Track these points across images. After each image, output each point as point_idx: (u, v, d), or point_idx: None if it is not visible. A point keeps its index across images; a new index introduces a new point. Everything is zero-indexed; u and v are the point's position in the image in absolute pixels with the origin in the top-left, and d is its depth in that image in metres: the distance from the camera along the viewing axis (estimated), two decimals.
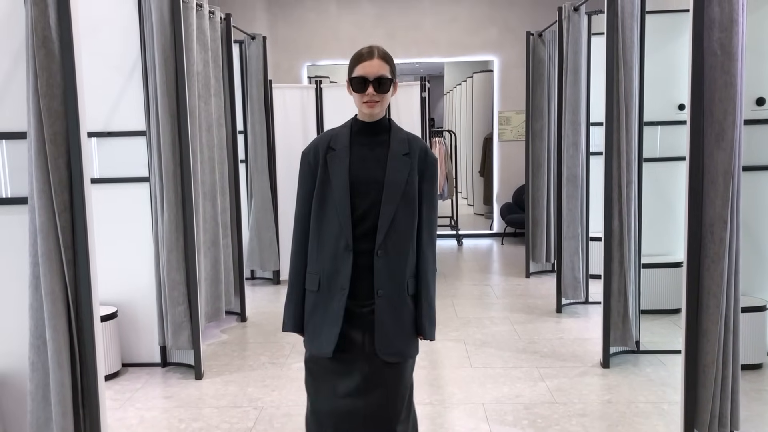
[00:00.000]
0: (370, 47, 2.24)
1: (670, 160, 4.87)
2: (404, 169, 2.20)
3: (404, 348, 2.24)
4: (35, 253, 2.75)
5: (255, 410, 3.62)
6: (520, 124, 8.87)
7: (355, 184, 2.19)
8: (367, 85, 2.17)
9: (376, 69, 2.18)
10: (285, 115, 6.57)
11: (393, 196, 2.17)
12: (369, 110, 2.20)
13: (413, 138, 2.29)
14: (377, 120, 2.25)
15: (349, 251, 2.16)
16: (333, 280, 2.19)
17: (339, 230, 2.17)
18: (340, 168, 2.20)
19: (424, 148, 2.28)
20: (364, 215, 2.18)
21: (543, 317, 5.28)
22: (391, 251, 2.18)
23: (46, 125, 2.67)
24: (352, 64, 2.23)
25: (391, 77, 2.21)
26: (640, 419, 3.40)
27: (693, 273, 2.87)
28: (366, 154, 2.23)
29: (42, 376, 2.81)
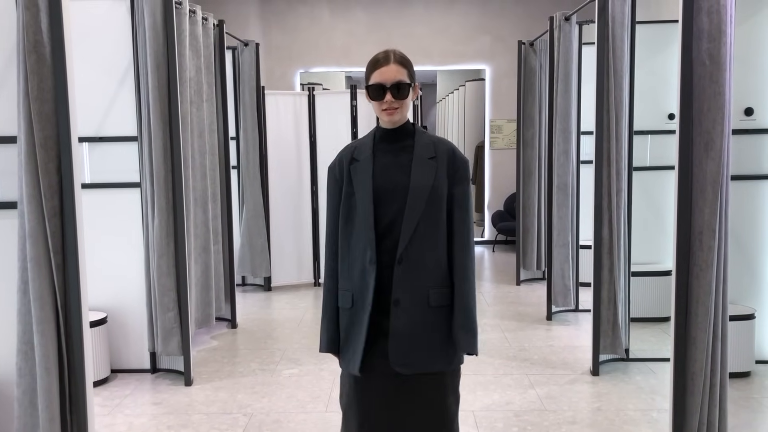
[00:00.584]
0: (386, 52, 2.14)
1: (659, 169, 4.90)
2: (430, 174, 2.09)
3: (423, 360, 2.09)
4: (24, 258, 2.74)
5: (245, 417, 3.61)
6: (512, 132, 8.91)
7: (379, 193, 2.09)
8: (384, 92, 2.08)
9: (393, 74, 2.08)
10: (277, 122, 6.57)
11: (417, 202, 2.06)
12: (389, 117, 2.11)
13: (439, 140, 2.18)
14: (400, 126, 2.15)
15: (373, 264, 2.06)
16: (362, 296, 2.09)
17: (365, 243, 2.08)
18: (364, 178, 2.10)
19: (452, 150, 2.16)
20: (391, 225, 2.07)
21: (533, 325, 5.29)
22: (413, 260, 2.07)
23: (36, 129, 2.67)
24: (368, 70, 2.13)
25: (410, 81, 2.11)
26: (629, 427, 3.41)
27: (682, 281, 2.88)
28: (389, 161, 2.13)
29: (29, 382, 2.79)
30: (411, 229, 2.06)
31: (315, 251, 6.78)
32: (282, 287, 6.71)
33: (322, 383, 4.08)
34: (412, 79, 2.13)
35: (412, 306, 2.07)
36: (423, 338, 2.08)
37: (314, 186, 6.71)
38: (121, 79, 4.12)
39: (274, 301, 6.24)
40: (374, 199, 2.08)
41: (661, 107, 4.98)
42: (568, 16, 5.27)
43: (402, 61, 2.12)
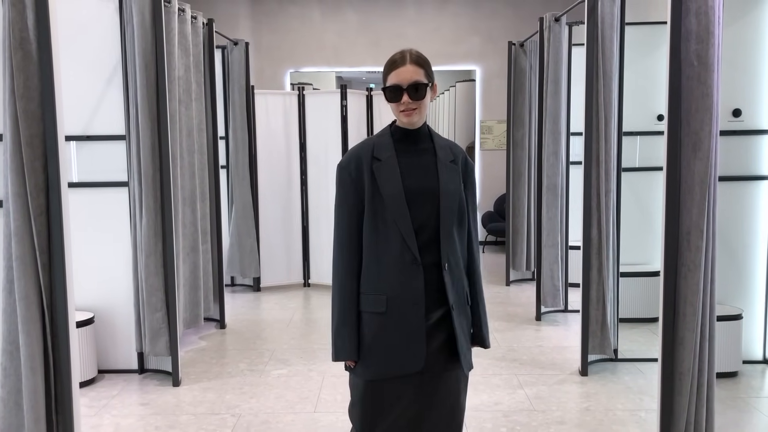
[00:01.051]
0: (402, 52, 2.10)
1: (648, 170, 4.92)
2: (456, 179, 2.11)
3: (470, 360, 2.16)
4: (10, 257, 2.71)
5: (233, 417, 3.59)
6: (502, 133, 8.92)
7: (409, 194, 2.06)
8: (401, 93, 2.05)
9: (410, 75, 2.05)
10: (267, 122, 6.55)
11: (451, 207, 2.07)
12: (407, 119, 2.08)
13: (453, 145, 2.19)
14: (419, 127, 2.13)
15: (418, 265, 2.03)
16: (404, 297, 2.04)
17: (401, 244, 2.03)
18: (392, 178, 2.06)
19: (464, 155, 2.19)
20: (422, 227, 2.05)
21: (523, 325, 5.30)
22: (453, 263, 2.09)
23: (22, 128, 2.64)
24: (385, 72, 2.10)
25: (428, 81, 2.08)
26: (617, 427, 3.42)
27: (670, 281, 2.89)
28: (413, 162, 2.10)
29: (14, 382, 2.77)
30: (448, 234, 2.07)
31: (305, 252, 6.76)
32: (271, 288, 6.69)
33: (311, 384, 4.06)
34: (429, 78, 2.09)
35: (460, 309, 2.11)
36: (468, 338, 2.17)
37: (304, 186, 6.69)
38: (109, 77, 4.09)
39: (263, 301, 6.21)
40: (403, 200, 2.05)
41: (649, 108, 5.00)
42: (557, 17, 5.28)
43: (419, 61, 2.08)
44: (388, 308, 2.06)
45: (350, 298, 2.11)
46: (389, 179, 2.06)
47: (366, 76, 14.37)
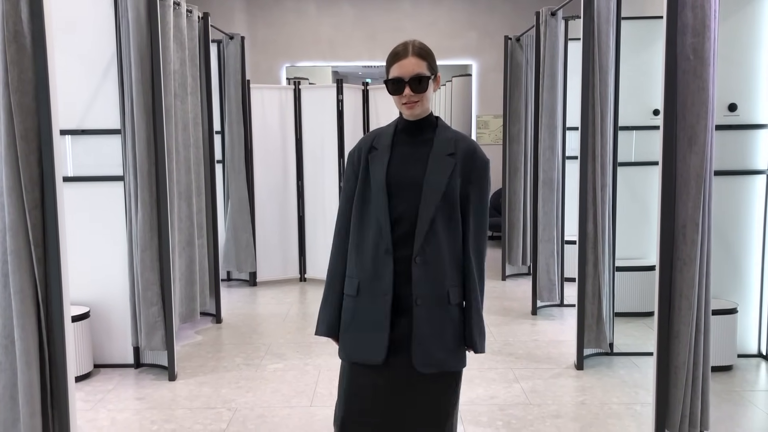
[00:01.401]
0: (405, 44, 2.07)
1: (644, 165, 4.93)
2: (446, 171, 2.05)
3: (445, 359, 2.07)
4: (4, 251, 2.70)
5: (229, 411, 3.59)
6: (498, 128, 8.92)
7: (392, 185, 2.06)
8: (403, 85, 2.04)
9: (412, 67, 2.04)
10: (263, 116, 6.54)
11: (432, 199, 2.02)
12: (409, 111, 2.08)
13: (462, 138, 2.13)
14: (422, 118, 2.12)
15: (389, 255, 2.03)
16: (374, 285, 2.06)
17: (378, 233, 2.05)
18: (379, 167, 2.08)
19: (472, 149, 2.11)
20: (401, 218, 2.04)
21: (518, 319, 5.31)
22: (430, 258, 2.03)
23: (17, 121, 2.63)
24: (387, 64, 2.10)
25: (431, 73, 2.07)
26: (613, 420, 3.43)
27: (665, 275, 2.90)
28: (407, 153, 2.10)
29: (10, 376, 2.76)
30: (426, 226, 2.02)
31: (301, 246, 6.76)
32: (267, 282, 6.68)
33: (307, 378, 4.06)
34: (432, 70, 2.08)
35: (432, 305, 2.05)
36: (443, 337, 2.07)
37: (300, 181, 6.68)
38: (104, 71, 4.07)
39: (259, 296, 6.21)
40: (387, 190, 2.05)
41: (645, 103, 5.01)
42: (554, 11, 5.28)
43: (421, 53, 2.06)
44: (359, 293, 2.09)
45: (334, 278, 2.18)
46: (377, 168, 2.08)
47: (362, 71, 14.33)
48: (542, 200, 5.34)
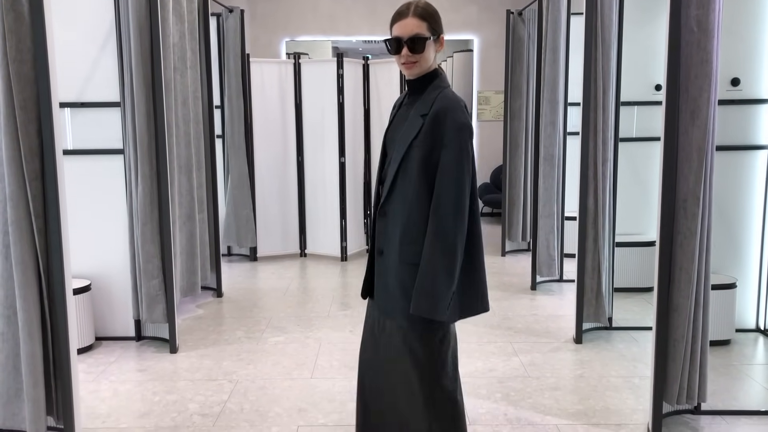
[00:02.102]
0: (408, 4, 2.10)
1: (645, 140, 4.91)
2: (412, 132, 2.06)
3: (392, 309, 2.15)
4: (5, 222, 2.70)
5: (230, 383, 3.62)
6: (499, 104, 8.88)
7: (386, 146, 2.23)
8: (402, 45, 2.06)
9: (411, 28, 2.06)
10: (262, 91, 6.50)
11: (395, 159, 2.09)
12: (407, 72, 2.12)
13: (442, 97, 2.08)
14: (421, 78, 2.14)
15: (376, 209, 2.23)
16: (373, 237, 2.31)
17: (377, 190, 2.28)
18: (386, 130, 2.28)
19: (444, 110, 2.03)
20: (386, 177, 2.16)
21: (518, 294, 5.33)
22: (390, 214, 2.12)
23: (15, 91, 2.61)
24: (391, 22, 2.13)
25: (430, 34, 2.08)
26: (611, 393, 3.46)
27: (665, 248, 2.90)
28: (402, 113, 2.18)
29: (12, 347, 2.78)
30: (389, 184, 2.13)
31: (301, 222, 6.76)
32: (268, 258, 6.70)
33: (308, 351, 4.09)
34: (434, 31, 2.10)
35: (388, 258, 2.16)
36: (388, 290, 2.18)
37: (300, 157, 6.66)
38: (103, 43, 4.04)
39: (260, 271, 6.23)
40: (384, 150, 2.23)
41: (647, 78, 4.97)
42: None
43: (423, 14, 2.08)
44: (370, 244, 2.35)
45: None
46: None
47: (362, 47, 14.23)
48: (543, 176, 5.34)
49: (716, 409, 3.20)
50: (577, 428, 3.06)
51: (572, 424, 3.10)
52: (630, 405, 3.31)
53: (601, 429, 3.05)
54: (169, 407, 3.33)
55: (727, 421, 3.12)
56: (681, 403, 2.97)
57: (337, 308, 4.99)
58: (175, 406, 3.35)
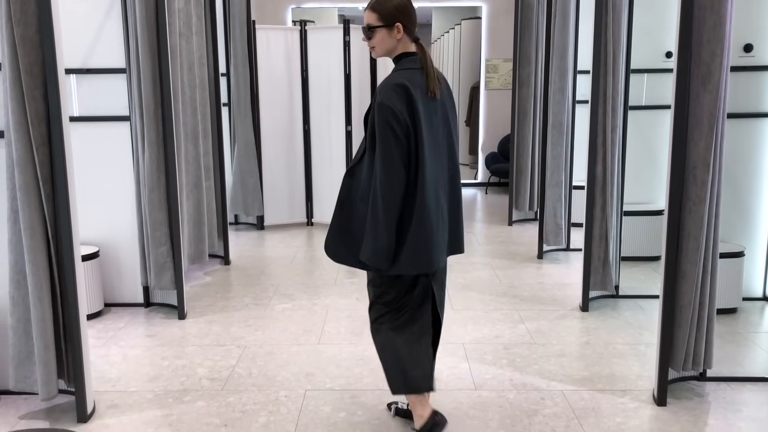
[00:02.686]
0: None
1: (655, 108, 4.86)
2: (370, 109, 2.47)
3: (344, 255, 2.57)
4: (13, 187, 2.71)
5: (238, 348, 3.65)
6: (508, 72, 8.79)
7: None
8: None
9: (366, 18, 2.49)
10: (268, 58, 6.45)
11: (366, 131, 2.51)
12: (372, 54, 2.58)
13: (387, 78, 2.45)
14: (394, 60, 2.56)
15: None
16: None
17: None
18: None
19: (379, 90, 2.41)
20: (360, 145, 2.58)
21: (524, 263, 5.33)
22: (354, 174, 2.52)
23: (21, 55, 2.59)
24: None
25: (382, 23, 2.46)
26: (616, 360, 3.47)
27: (674, 214, 2.88)
28: None
29: (23, 311, 2.80)
30: (360, 151, 2.52)
31: (308, 191, 6.76)
32: (275, 226, 6.71)
33: (315, 317, 4.12)
34: (384, 21, 2.45)
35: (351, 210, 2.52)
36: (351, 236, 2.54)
37: (306, 125, 6.63)
38: (108, 8, 4.00)
39: (266, 239, 6.25)
40: None
41: (658, 46, 4.90)
42: None
43: (375, 6, 2.45)
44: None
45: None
46: None
47: None
48: (551, 144, 5.30)
49: (722, 375, 3.21)
50: (582, 394, 3.08)
51: (577, 390, 3.12)
52: (635, 371, 3.32)
53: (606, 395, 3.08)
54: (178, 372, 3.37)
55: (732, 387, 3.13)
56: (687, 369, 2.98)
57: (344, 276, 5.01)
58: (183, 370, 3.38)
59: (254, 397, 3.08)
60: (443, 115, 2.53)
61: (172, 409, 2.98)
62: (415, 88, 2.41)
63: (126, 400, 3.07)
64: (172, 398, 3.08)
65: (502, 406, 2.97)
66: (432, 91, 2.46)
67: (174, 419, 2.88)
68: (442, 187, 2.52)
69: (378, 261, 2.42)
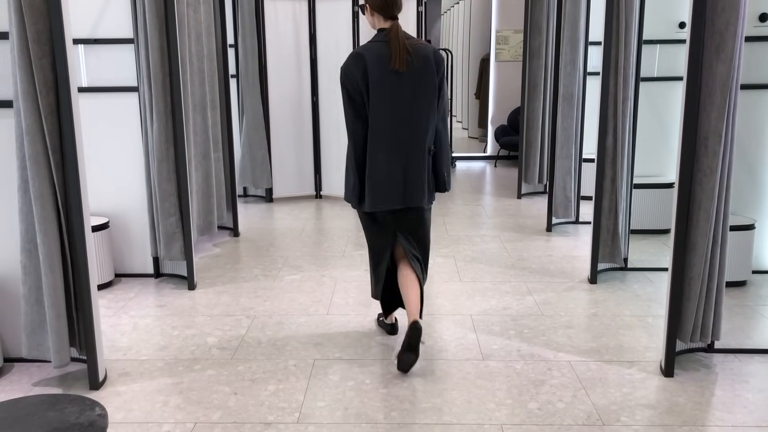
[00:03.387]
0: None
1: (667, 80, 4.80)
2: None
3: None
4: (23, 157, 2.72)
5: (248, 318, 3.68)
6: (518, 43, 8.69)
7: None
8: None
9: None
10: (276, 29, 6.40)
11: None
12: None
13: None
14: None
15: None
16: None
17: None
18: None
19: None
20: None
21: (533, 236, 5.33)
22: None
23: (28, 24, 2.58)
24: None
25: (360, 4, 3.08)
26: (624, 331, 3.48)
27: (685, 186, 2.86)
28: None
29: (34, 280, 2.83)
30: None
31: (316, 163, 6.75)
32: (283, 199, 6.73)
33: (323, 288, 4.14)
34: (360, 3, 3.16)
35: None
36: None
37: (315, 97, 6.60)
38: None
39: (275, 211, 6.26)
40: None
41: (671, 16, 4.83)
42: None
43: None
44: None
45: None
46: None
47: None
48: (561, 116, 5.25)
49: (729, 347, 3.21)
50: (589, 365, 3.09)
51: (585, 361, 3.13)
52: (643, 343, 3.33)
53: (613, 366, 3.09)
54: (188, 341, 3.40)
55: (739, 359, 3.14)
56: (694, 340, 2.99)
57: (353, 248, 5.02)
58: (193, 339, 3.42)
59: (263, 365, 3.11)
60: (413, 85, 2.93)
61: (182, 377, 3.01)
62: (372, 57, 2.90)
63: (137, 368, 3.11)
64: (182, 367, 3.11)
65: (509, 376, 2.98)
66: (393, 65, 2.89)
67: (184, 387, 2.92)
68: (401, 149, 2.98)
69: (349, 198, 3.10)
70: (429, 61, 2.95)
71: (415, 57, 2.93)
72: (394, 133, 2.95)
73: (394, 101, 2.93)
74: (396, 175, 2.99)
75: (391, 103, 2.93)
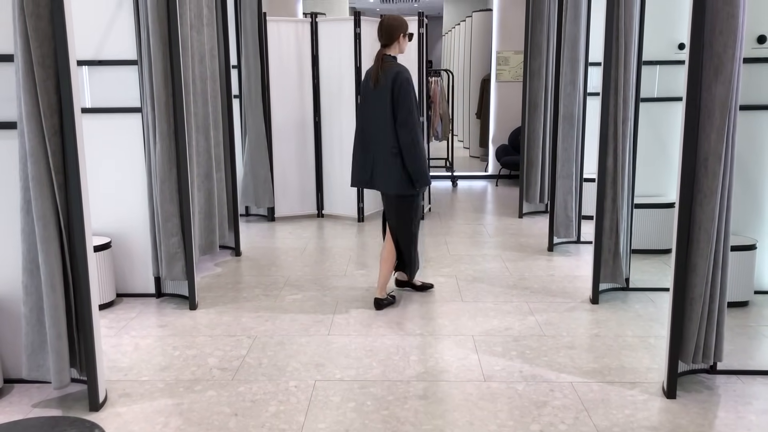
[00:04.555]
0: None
1: (666, 101, 4.83)
2: None
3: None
4: (26, 178, 2.73)
5: (249, 339, 3.67)
6: (519, 64, 8.75)
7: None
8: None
9: None
10: (279, 50, 6.46)
11: None
12: None
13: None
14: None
15: None
16: None
17: None
18: None
19: None
20: None
21: (534, 255, 5.32)
22: None
23: (33, 47, 2.61)
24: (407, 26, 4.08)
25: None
26: (626, 352, 3.47)
27: (685, 207, 2.87)
28: None
29: (36, 300, 2.83)
30: None
31: (318, 182, 6.77)
32: (285, 218, 6.74)
33: (325, 308, 4.13)
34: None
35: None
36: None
37: (317, 117, 6.64)
38: (119, 0, 4.02)
39: (277, 231, 6.27)
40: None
41: (671, 37, 4.87)
42: None
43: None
44: None
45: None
46: None
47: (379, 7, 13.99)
48: (562, 136, 5.28)
49: (732, 368, 3.20)
50: (591, 386, 3.08)
51: (587, 382, 3.12)
52: (645, 364, 3.32)
53: (615, 387, 3.07)
54: (189, 361, 3.40)
55: (742, 380, 3.12)
56: (697, 362, 2.97)
57: (354, 267, 5.02)
58: (194, 360, 3.41)
59: (264, 386, 3.10)
60: (381, 98, 3.90)
61: (183, 398, 3.00)
62: (366, 75, 4.07)
63: (137, 389, 3.10)
64: (183, 387, 3.11)
65: (511, 398, 2.97)
66: (372, 81, 3.97)
67: (185, 408, 2.91)
68: (375, 141, 3.97)
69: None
70: (388, 80, 3.88)
71: (383, 77, 3.91)
72: (366, 131, 4.03)
73: (367, 108, 4.02)
74: (367, 162, 4.04)
75: (366, 109, 4.03)
